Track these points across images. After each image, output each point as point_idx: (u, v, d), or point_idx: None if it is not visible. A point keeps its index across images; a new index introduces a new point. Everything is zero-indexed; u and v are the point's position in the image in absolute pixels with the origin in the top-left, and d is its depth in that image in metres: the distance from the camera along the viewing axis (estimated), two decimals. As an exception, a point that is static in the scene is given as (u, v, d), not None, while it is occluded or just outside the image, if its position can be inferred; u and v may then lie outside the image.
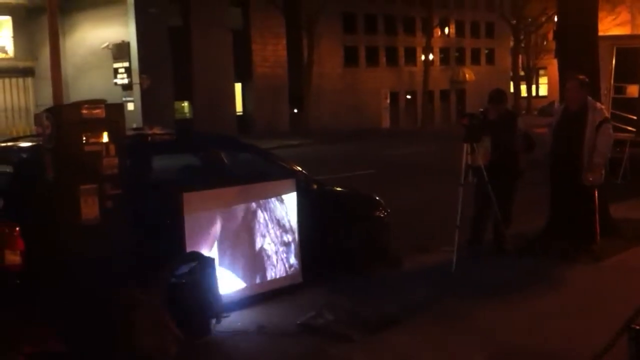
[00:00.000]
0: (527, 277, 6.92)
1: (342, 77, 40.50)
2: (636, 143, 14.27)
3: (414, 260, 7.70)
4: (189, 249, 5.64)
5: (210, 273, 5.43)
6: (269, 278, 6.43)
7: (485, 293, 6.44)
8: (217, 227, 6.01)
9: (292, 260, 6.62)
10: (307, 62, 34.58)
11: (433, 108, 45.06)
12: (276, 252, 6.50)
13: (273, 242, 6.47)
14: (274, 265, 6.49)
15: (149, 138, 6.68)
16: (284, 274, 6.55)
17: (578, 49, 8.48)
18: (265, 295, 6.24)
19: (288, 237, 6.59)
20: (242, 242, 6.23)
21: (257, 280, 6.34)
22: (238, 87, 35.85)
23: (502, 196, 7.61)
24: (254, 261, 6.33)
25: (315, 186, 7.28)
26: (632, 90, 15.20)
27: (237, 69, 34.80)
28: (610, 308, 5.67)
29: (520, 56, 47.72)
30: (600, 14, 13.66)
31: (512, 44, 47.66)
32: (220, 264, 5.83)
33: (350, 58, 41.46)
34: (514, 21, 45.26)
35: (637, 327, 3.84)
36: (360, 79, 41.59)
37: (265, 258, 6.42)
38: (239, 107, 36.03)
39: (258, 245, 6.36)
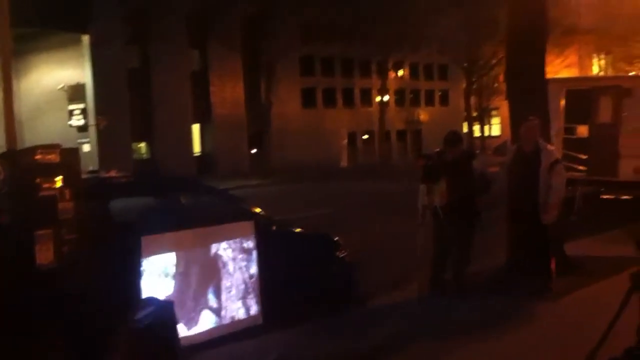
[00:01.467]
0: (487, 315, 6.97)
1: (300, 118, 40.84)
2: (588, 182, 14.63)
3: (377, 300, 7.72)
4: (147, 293, 5.56)
5: (169, 317, 5.34)
6: (229, 320, 6.37)
7: (447, 332, 6.46)
8: (177, 270, 5.95)
9: (253, 301, 6.58)
10: (266, 103, 34.81)
11: (390, 148, 45.63)
12: (236, 294, 6.46)
13: (233, 284, 6.43)
14: (234, 308, 6.44)
15: (106, 181, 6.62)
16: (245, 316, 6.50)
17: (527, 91, 8.75)
18: (226, 338, 6.17)
19: (248, 279, 6.56)
20: (201, 285, 6.17)
21: (218, 323, 6.27)
22: (197, 127, 35.83)
23: (461, 236, 7.71)
24: (214, 304, 6.27)
25: (274, 227, 7.27)
26: (582, 130, 15.63)
27: (196, 109, 34.83)
28: (568, 345, 5.75)
29: (473, 97, 48.80)
30: (549, 57, 14.10)
31: (465, 85, 48.76)
32: (179, 308, 5.76)
33: (309, 99, 41.92)
34: (466, 64, 46.37)
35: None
36: (318, 119, 41.99)
37: (226, 300, 6.36)
38: (197, 147, 35.98)
39: (218, 288, 6.31)
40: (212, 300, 6.25)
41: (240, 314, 6.47)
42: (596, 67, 43.23)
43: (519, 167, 7.80)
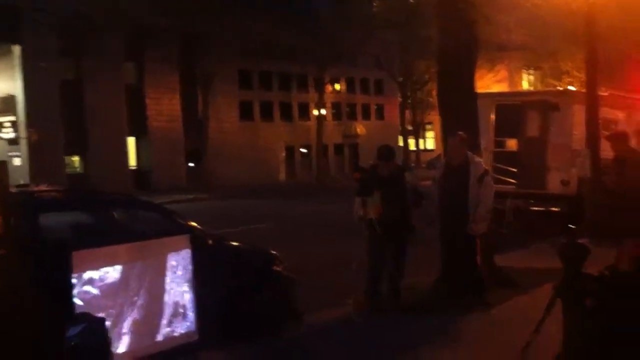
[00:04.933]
0: (421, 331, 7.07)
1: (238, 132, 40.70)
2: (518, 195, 15.04)
3: (315, 315, 7.75)
4: (79, 310, 5.47)
5: (101, 334, 5.28)
6: (164, 337, 6.31)
7: (384, 348, 6.54)
8: (109, 286, 5.87)
9: (188, 317, 6.53)
10: (203, 117, 34.61)
11: (328, 161, 45.90)
12: (171, 310, 6.40)
13: (168, 299, 6.38)
14: (169, 324, 6.37)
15: (36, 195, 6.50)
16: (180, 332, 6.45)
17: (458, 105, 9.00)
18: (161, 355, 6.10)
19: (183, 294, 6.51)
20: (135, 301, 6.10)
21: (152, 340, 6.20)
22: (132, 141, 35.31)
23: (395, 249, 7.85)
24: (149, 320, 6.20)
25: (211, 242, 7.26)
26: (512, 144, 16.10)
27: (132, 122, 34.32)
28: (501, 357, 5.89)
29: (408, 111, 49.62)
30: (480, 72, 14.47)
31: (400, 100, 49.57)
32: (112, 324, 5.69)
33: (246, 113, 41.84)
34: (401, 79, 47.17)
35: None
36: (256, 133, 41.94)
37: (160, 316, 6.30)
38: (133, 161, 35.44)
39: (152, 303, 6.24)
40: (146, 317, 6.18)
41: (176, 330, 6.42)
42: (526, 82, 44.55)
43: (449, 181, 8.01)
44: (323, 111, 43.02)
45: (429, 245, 8.48)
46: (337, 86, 47.96)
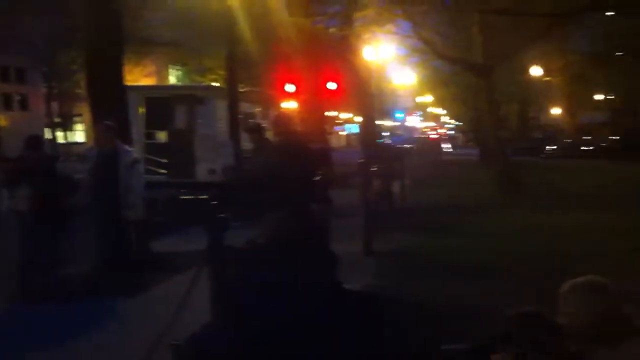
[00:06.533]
0: (80, 315, 7.07)
1: None
2: (169, 184, 15.65)
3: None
4: None
5: None
6: None
7: (36, 339, 6.44)
8: None
9: None
10: None
11: (-38, 156, 41.65)
12: None
13: None
14: None
15: None
16: None
17: (106, 97, 9.19)
18: None
19: None
20: None
21: None
22: None
23: (51, 238, 7.76)
24: None
25: None
26: (162, 135, 16.73)
27: None
28: (154, 332, 6.23)
29: (54, 103, 47.31)
30: (128, 65, 14.71)
31: (45, 90, 47.01)
32: None
33: None
34: (45, 68, 44.73)
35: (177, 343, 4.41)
36: None
37: None
38: None
39: None
40: None
41: None
42: (173, 77, 45.62)
43: (100, 169, 8.21)
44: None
45: (88, 232, 8.52)
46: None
